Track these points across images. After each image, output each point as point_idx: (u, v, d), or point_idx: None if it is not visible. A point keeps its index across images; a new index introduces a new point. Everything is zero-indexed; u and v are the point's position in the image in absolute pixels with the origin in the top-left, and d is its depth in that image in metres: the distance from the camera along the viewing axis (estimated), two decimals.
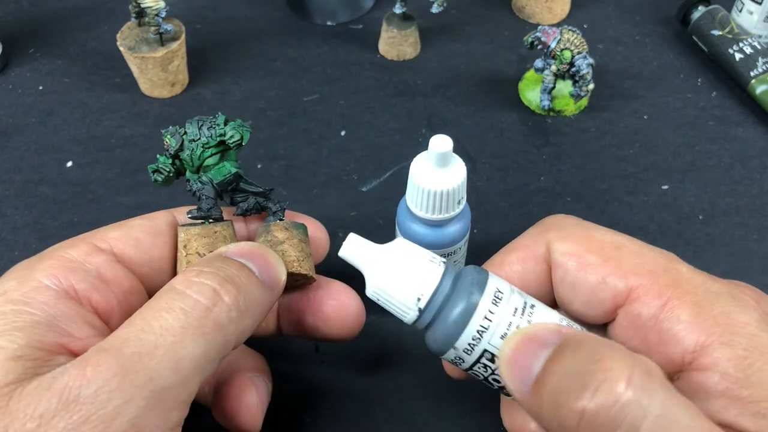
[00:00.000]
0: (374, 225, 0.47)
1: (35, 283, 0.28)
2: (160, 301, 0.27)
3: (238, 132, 0.33)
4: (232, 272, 0.28)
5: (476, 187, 0.49)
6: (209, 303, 0.27)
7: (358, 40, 0.61)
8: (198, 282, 0.27)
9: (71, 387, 0.24)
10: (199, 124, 0.33)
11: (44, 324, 0.26)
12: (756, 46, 0.55)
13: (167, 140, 0.33)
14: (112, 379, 0.24)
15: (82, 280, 0.29)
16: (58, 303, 0.27)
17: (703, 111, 0.54)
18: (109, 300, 0.29)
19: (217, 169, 0.33)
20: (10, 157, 0.51)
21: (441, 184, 0.33)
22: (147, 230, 0.32)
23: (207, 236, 0.32)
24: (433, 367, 0.39)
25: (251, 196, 0.35)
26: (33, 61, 0.59)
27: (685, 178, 0.49)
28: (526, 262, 0.31)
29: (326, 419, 0.37)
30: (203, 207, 0.33)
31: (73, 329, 0.27)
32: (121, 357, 0.25)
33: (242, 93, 0.56)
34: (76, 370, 0.24)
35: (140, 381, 0.24)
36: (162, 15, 0.51)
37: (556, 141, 0.52)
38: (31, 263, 0.29)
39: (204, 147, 0.33)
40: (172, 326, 0.26)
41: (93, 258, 0.30)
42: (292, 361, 0.39)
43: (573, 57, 0.50)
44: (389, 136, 0.52)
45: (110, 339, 0.26)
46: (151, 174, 0.34)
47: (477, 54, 0.59)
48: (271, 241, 0.33)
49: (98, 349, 0.25)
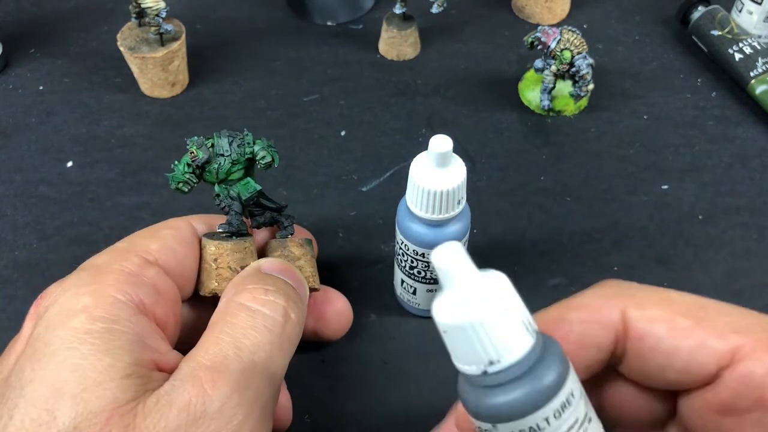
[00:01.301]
0: (374, 225, 0.47)
1: (111, 299, 0.27)
2: (239, 318, 0.28)
3: (269, 154, 0.34)
4: (288, 291, 0.30)
5: (476, 187, 0.49)
6: (283, 320, 0.29)
7: (358, 40, 0.61)
8: (270, 300, 0.29)
9: (195, 403, 0.25)
10: (229, 140, 0.34)
11: (136, 341, 0.27)
12: (756, 46, 0.55)
13: (194, 151, 0.34)
14: (232, 395, 0.25)
15: (147, 294, 0.29)
16: (138, 319, 0.28)
17: (702, 111, 0.54)
18: (166, 312, 0.30)
19: (243, 185, 0.35)
20: (11, 157, 0.51)
21: (441, 184, 0.33)
22: (178, 241, 0.33)
23: (239, 251, 0.33)
24: (433, 367, 0.39)
25: (267, 211, 0.37)
26: (33, 61, 0.59)
27: (685, 178, 0.49)
28: (589, 325, 0.27)
29: (326, 419, 0.37)
30: (234, 223, 0.34)
31: (157, 345, 0.28)
32: (233, 374, 0.26)
33: (242, 93, 0.56)
34: (194, 388, 0.25)
35: (253, 396, 0.26)
36: (162, 15, 0.51)
37: (556, 141, 0.52)
38: (90, 277, 0.28)
39: (233, 162, 0.34)
40: (261, 343, 0.28)
41: (147, 271, 0.30)
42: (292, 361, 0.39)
43: (573, 57, 0.50)
44: (389, 136, 0.52)
45: (207, 356, 0.27)
46: (175, 184, 0.34)
47: (477, 54, 0.59)
48: (288, 257, 0.35)
49: (204, 367, 0.26)
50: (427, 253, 0.37)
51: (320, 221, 0.47)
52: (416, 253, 0.37)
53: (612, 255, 0.45)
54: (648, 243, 0.45)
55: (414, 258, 0.37)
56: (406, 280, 0.39)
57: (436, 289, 0.39)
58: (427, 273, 0.38)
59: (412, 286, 0.40)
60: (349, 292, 0.43)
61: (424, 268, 0.38)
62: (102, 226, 0.47)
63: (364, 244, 0.45)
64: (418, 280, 0.39)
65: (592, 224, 0.47)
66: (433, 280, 0.38)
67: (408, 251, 0.37)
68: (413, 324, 0.41)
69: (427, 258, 0.37)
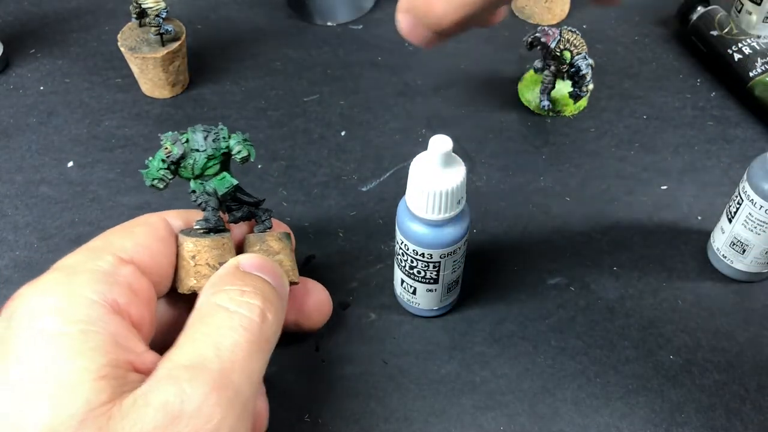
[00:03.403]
0: (374, 225, 0.47)
1: (84, 300, 0.27)
2: (216, 318, 0.28)
3: (245, 149, 0.34)
4: (265, 289, 0.30)
5: (476, 187, 0.49)
6: (260, 321, 0.29)
7: (358, 40, 0.61)
8: (246, 301, 0.29)
9: (172, 402, 0.24)
10: (204, 134, 0.34)
11: (111, 343, 0.26)
12: (755, 46, 0.55)
13: (168, 147, 0.33)
14: (211, 394, 0.25)
15: (121, 294, 0.28)
16: (112, 320, 0.27)
17: (702, 111, 0.54)
18: (141, 312, 0.29)
19: (219, 180, 0.34)
20: (11, 157, 0.51)
21: (441, 184, 0.34)
22: (153, 238, 0.32)
23: (217, 248, 0.33)
24: (433, 367, 0.39)
25: (245, 205, 0.36)
26: (34, 62, 0.59)
27: (684, 178, 0.49)
28: None
29: (326, 419, 0.38)
30: (211, 219, 0.34)
31: (133, 345, 0.27)
32: (211, 373, 0.26)
33: (242, 93, 0.56)
34: (171, 387, 0.25)
35: (231, 395, 0.26)
36: (163, 15, 0.51)
37: (556, 141, 0.52)
38: (63, 278, 0.28)
39: (208, 157, 0.34)
40: (239, 343, 0.27)
41: (121, 270, 0.29)
42: (292, 361, 0.40)
43: (573, 57, 0.50)
44: (389, 136, 0.53)
45: (184, 356, 0.26)
46: (150, 181, 0.34)
47: (477, 54, 0.59)
48: (267, 251, 0.35)
49: (182, 367, 0.26)
50: (427, 253, 0.37)
51: (320, 221, 0.47)
52: (416, 253, 0.37)
53: (612, 255, 0.45)
54: (647, 243, 0.46)
55: (414, 258, 0.38)
56: (406, 280, 0.40)
57: (436, 289, 0.39)
58: (427, 273, 0.38)
59: (412, 286, 0.40)
60: (349, 292, 0.43)
61: (424, 268, 0.38)
62: (102, 226, 0.47)
63: (364, 244, 0.46)
64: (418, 280, 0.39)
65: (592, 224, 0.47)
66: (432, 279, 0.39)
67: (408, 251, 0.37)
68: (413, 324, 0.42)
69: (427, 258, 0.37)
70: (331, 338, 0.41)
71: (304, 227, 0.46)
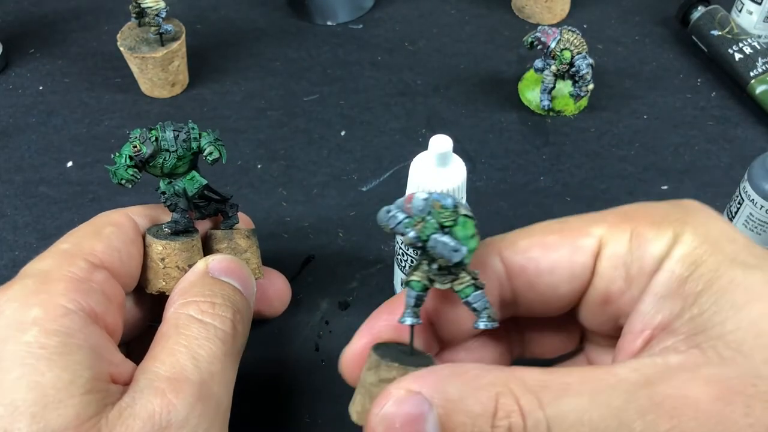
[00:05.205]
0: (374, 225, 0.46)
1: (62, 310, 0.26)
2: (191, 330, 0.28)
3: (217, 150, 0.34)
4: (235, 299, 0.31)
5: (476, 187, 0.49)
6: (232, 332, 0.29)
7: (358, 40, 0.61)
8: (217, 314, 0.29)
9: (160, 413, 0.25)
10: (175, 133, 0.33)
11: (93, 355, 0.26)
12: (756, 46, 0.55)
13: (137, 146, 0.32)
14: (196, 404, 0.26)
15: (98, 302, 0.28)
16: (92, 330, 0.27)
17: (702, 111, 0.54)
18: (115, 318, 0.29)
19: (188, 179, 0.34)
20: (11, 157, 0.51)
21: (441, 184, 0.33)
22: (123, 240, 0.31)
23: (186, 250, 0.33)
24: None
25: (212, 203, 0.36)
26: (33, 62, 0.59)
27: (685, 178, 0.49)
28: None
29: (326, 419, 0.37)
30: (181, 222, 0.34)
31: (111, 356, 0.27)
32: (195, 385, 0.26)
33: (242, 93, 0.56)
34: (156, 398, 0.25)
35: (214, 405, 0.27)
36: (162, 15, 0.51)
37: (556, 141, 0.52)
38: (37, 286, 0.27)
39: (178, 158, 0.33)
40: (216, 354, 0.28)
41: (95, 276, 0.29)
42: (292, 361, 0.40)
43: (573, 57, 0.50)
44: (389, 136, 0.52)
45: (164, 367, 0.27)
46: (117, 180, 0.33)
47: (477, 54, 0.59)
48: (235, 249, 0.35)
49: (164, 378, 0.26)
50: None
51: (320, 221, 0.47)
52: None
53: None
54: None
55: (414, 258, 0.37)
56: None
57: None
58: None
59: None
60: (349, 292, 0.43)
61: None
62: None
63: (364, 244, 0.45)
64: None
65: None
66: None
67: (408, 251, 0.37)
68: None
69: None
70: (331, 338, 0.41)
71: (304, 227, 0.46)
